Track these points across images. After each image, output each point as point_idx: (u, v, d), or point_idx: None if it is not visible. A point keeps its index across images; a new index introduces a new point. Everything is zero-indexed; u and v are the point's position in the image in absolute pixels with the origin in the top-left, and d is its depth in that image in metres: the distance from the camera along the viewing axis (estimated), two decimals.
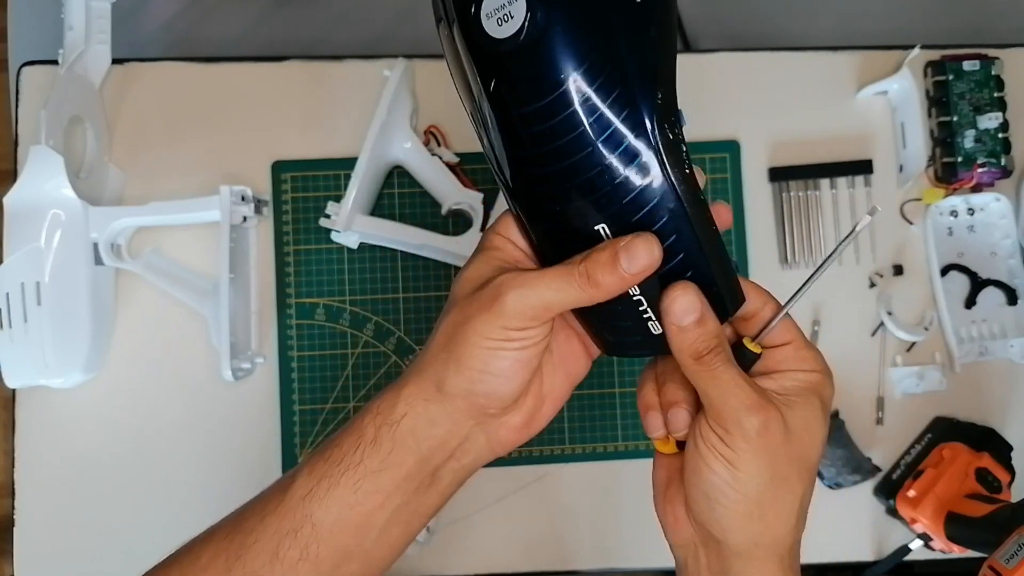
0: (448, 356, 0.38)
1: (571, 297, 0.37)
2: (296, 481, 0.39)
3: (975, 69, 0.69)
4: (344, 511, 0.39)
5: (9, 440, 0.67)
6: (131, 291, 0.67)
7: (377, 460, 0.39)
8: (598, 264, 0.36)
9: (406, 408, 0.39)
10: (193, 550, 0.41)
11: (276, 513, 0.39)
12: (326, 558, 0.39)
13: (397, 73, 0.63)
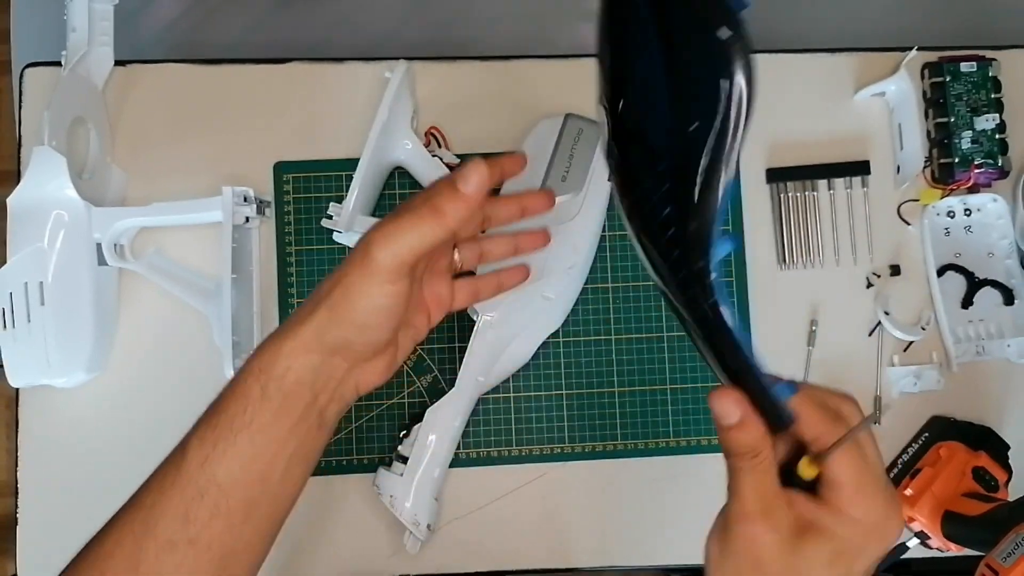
0: (330, 313, 0.43)
1: (429, 232, 0.42)
2: (188, 453, 0.42)
3: (972, 70, 0.69)
4: (245, 465, 0.42)
5: (12, 439, 0.67)
6: (134, 291, 0.67)
7: (268, 414, 0.43)
8: (440, 195, 0.42)
9: (289, 363, 0.43)
10: (93, 542, 0.43)
11: (176, 485, 0.42)
12: (236, 509, 0.42)
13: (398, 75, 0.64)
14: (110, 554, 0.42)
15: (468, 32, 0.87)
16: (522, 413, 0.68)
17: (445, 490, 0.66)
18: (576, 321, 0.68)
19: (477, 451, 0.67)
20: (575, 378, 0.68)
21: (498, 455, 0.67)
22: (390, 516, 0.63)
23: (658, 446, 0.68)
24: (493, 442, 0.68)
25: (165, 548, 0.41)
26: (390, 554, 0.66)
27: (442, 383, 0.67)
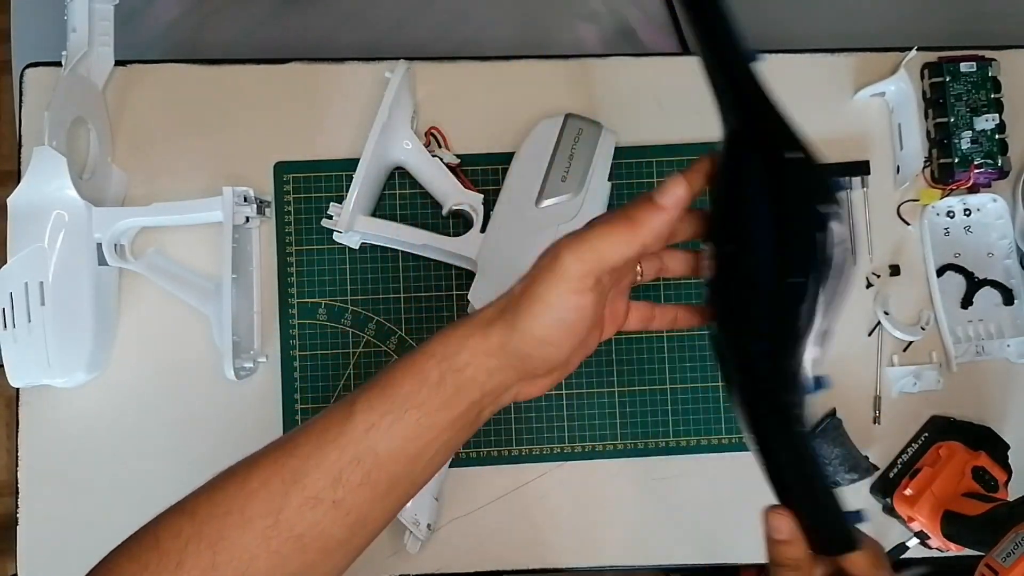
0: (515, 321, 0.42)
1: (622, 243, 0.41)
2: (356, 415, 0.42)
3: (972, 71, 0.69)
4: (404, 444, 0.42)
5: (12, 439, 0.67)
6: (134, 291, 0.67)
7: (439, 401, 0.42)
8: (636, 207, 0.41)
9: (469, 358, 0.43)
10: (237, 475, 0.43)
11: (337, 443, 0.42)
12: (382, 482, 0.43)
13: (398, 75, 0.64)
14: (254, 493, 0.42)
15: (468, 32, 0.87)
16: (522, 413, 0.68)
17: (445, 490, 0.66)
18: None
19: (477, 451, 0.67)
20: (575, 378, 0.68)
21: (498, 455, 0.68)
22: None
23: (658, 446, 0.68)
24: (493, 442, 0.68)
25: (309, 503, 0.41)
26: (390, 554, 0.66)
27: None
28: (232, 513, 0.41)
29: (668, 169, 0.70)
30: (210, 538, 0.41)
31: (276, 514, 0.41)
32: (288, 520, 0.41)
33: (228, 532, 0.41)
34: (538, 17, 0.88)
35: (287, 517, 0.41)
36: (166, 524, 0.42)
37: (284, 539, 0.41)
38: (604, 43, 0.88)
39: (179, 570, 0.40)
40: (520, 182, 0.65)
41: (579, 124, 0.66)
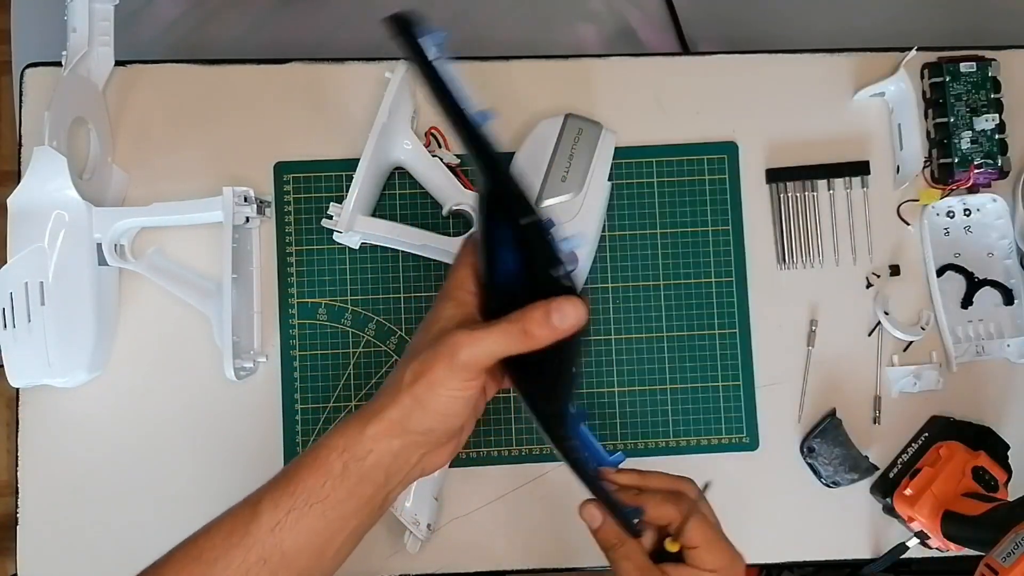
0: (414, 402, 0.45)
1: (512, 347, 0.45)
2: (261, 515, 0.44)
3: (972, 71, 0.69)
4: (310, 538, 0.44)
5: (12, 439, 0.67)
6: (134, 291, 0.67)
7: (344, 491, 0.45)
8: (533, 321, 0.45)
9: (372, 445, 0.45)
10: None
11: (243, 545, 0.43)
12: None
13: (398, 75, 0.64)
14: None
15: (468, 32, 0.87)
16: (522, 413, 0.68)
17: (445, 490, 0.66)
18: None
19: (477, 451, 0.67)
20: None
21: (498, 455, 0.68)
22: (390, 516, 0.63)
23: (658, 446, 0.68)
24: (493, 442, 0.68)
25: None
26: (390, 554, 0.66)
27: None
28: None
29: (668, 169, 0.70)
30: None
31: None
32: None
33: None
34: (538, 17, 0.88)
35: None
36: None
37: None
38: (604, 43, 0.88)
39: None
40: None
41: (579, 124, 0.66)
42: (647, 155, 0.70)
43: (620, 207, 0.69)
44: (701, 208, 0.70)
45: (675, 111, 0.71)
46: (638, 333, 0.69)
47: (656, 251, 0.69)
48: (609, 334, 0.68)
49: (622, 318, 0.69)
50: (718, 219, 0.70)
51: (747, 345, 0.69)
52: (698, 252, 0.69)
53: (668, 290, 0.69)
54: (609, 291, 0.69)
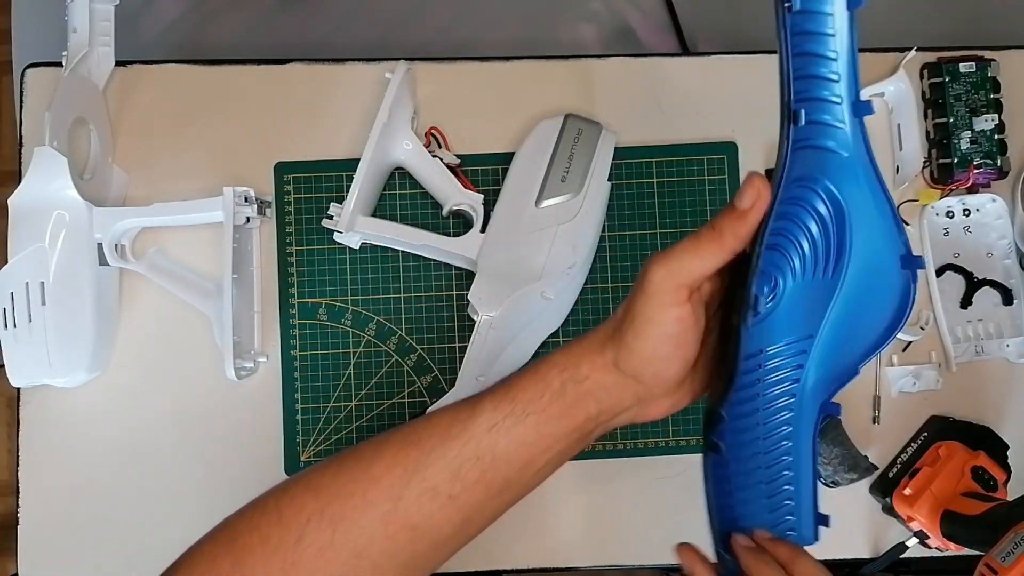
0: (620, 339, 0.43)
1: (708, 254, 0.41)
2: (481, 414, 0.44)
3: (971, 71, 0.69)
4: (521, 448, 0.44)
5: (13, 439, 0.67)
6: (135, 291, 0.68)
7: (558, 409, 0.44)
8: (719, 217, 0.42)
9: (589, 371, 0.44)
10: (362, 458, 0.44)
11: (459, 439, 0.43)
12: (495, 483, 0.44)
13: (398, 75, 0.64)
14: (378, 478, 0.43)
15: (468, 32, 0.87)
16: None
17: None
18: (576, 321, 0.68)
19: None
20: None
21: None
22: None
23: (658, 446, 0.68)
24: None
25: (428, 494, 0.43)
26: None
27: (442, 383, 0.68)
28: (355, 495, 0.43)
29: (668, 169, 0.70)
30: (332, 516, 0.42)
31: (396, 501, 0.43)
32: (406, 509, 0.43)
33: (349, 513, 0.42)
34: (538, 17, 0.88)
35: (405, 506, 0.43)
36: (289, 498, 0.44)
37: (400, 526, 0.43)
38: (604, 43, 0.88)
39: (299, 544, 0.42)
40: (520, 182, 0.65)
41: (579, 124, 0.66)
42: (647, 155, 0.70)
43: (620, 207, 0.69)
44: (701, 208, 0.70)
45: (675, 111, 0.71)
46: None
47: (656, 251, 0.69)
48: None
49: None
50: None
51: None
52: None
53: None
54: (609, 291, 0.69)
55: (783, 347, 0.43)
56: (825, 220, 0.42)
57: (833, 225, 0.42)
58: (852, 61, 0.40)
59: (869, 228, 0.42)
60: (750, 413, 0.44)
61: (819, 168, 0.41)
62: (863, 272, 0.42)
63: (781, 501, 0.45)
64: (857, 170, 0.41)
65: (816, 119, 0.41)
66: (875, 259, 0.42)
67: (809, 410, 0.44)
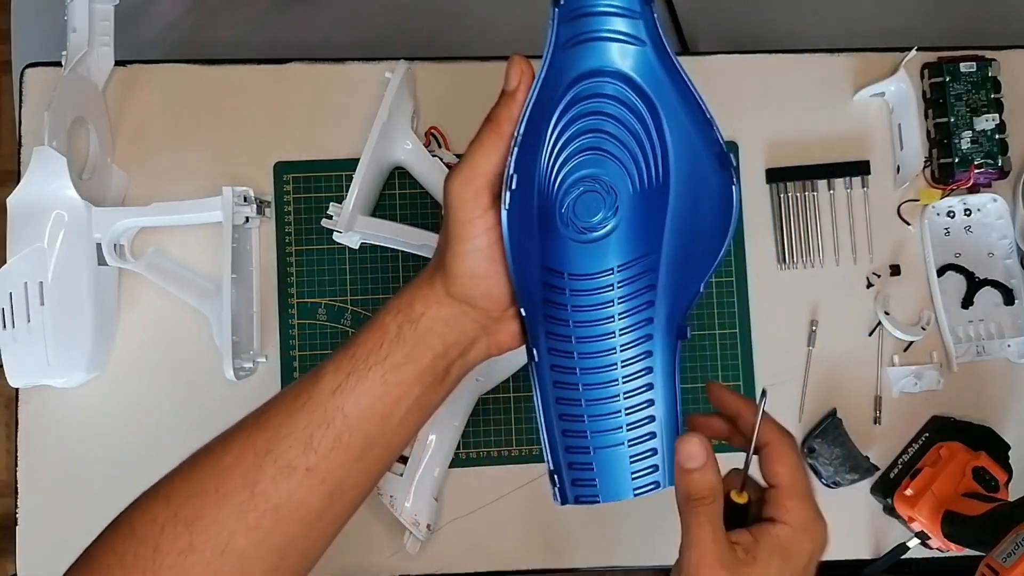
0: (443, 267, 0.43)
1: (491, 145, 0.42)
2: (323, 379, 0.43)
3: (972, 71, 0.69)
4: (372, 402, 0.42)
5: (12, 439, 0.67)
6: (134, 291, 0.67)
7: (401, 355, 0.43)
8: (493, 109, 0.42)
9: (423, 308, 0.43)
10: (213, 452, 0.43)
11: (306, 408, 0.42)
12: (355, 445, 0.42)
13: (398, 75, 0.64)
14: (229, 469, 0.42)
15: (468, 32, 0.87)
16: (522, 413, 0.68)
17: (445, 490, 0.66)
18: None
19: (477, 451, 0.67)
20: None
21: (498, 455, 0.67)
22: (390, 516, 0.63)
23: None
24: (493, 442, 0.68)
25: (283, 472, 0.41)
26: (390, 554, 0.66)
27: None
28: (208, 492, 0.41)
29: None
30: (186, 519, 0.41)
31: (251, 487, 0.41)
32: (263, 492, 0.41)
33: (204, 511, 0.41)
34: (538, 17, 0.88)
35: (262, 489, 0.41)
36: (140, 510, 0.43)
37: (261, 512, 0.41)
38: None
39: (156, 555, 0.40)
40: None
41: None
42: None
43: None
44: None
45: None
46: None
47: None
48: None
49: None
50: None
51: (747, 345, 0.69)
52: None
53: None
54: None
55: (631, 263, 0.43)
56: (643, 117, 0.41)
57: (651, 122, 0.41)
58: None
59: (681, 126, 0.41)
60: (601, 336, 0.44)
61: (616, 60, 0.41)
62: (686, 177, 0.42)
63: (641, 436, 0.45)
64: (658, 61, 0.41)
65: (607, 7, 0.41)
66: (695, 161, 0.41)
67: (665, 336, 0.44)
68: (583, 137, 0.43)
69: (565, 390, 0.45)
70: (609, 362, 0.45)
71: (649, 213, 0.43)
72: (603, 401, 0.45)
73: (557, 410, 0.45)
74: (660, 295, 0.43)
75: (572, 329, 0.45)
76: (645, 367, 0.44)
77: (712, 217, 0.41)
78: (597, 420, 0.45)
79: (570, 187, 0.44)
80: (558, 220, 0.44)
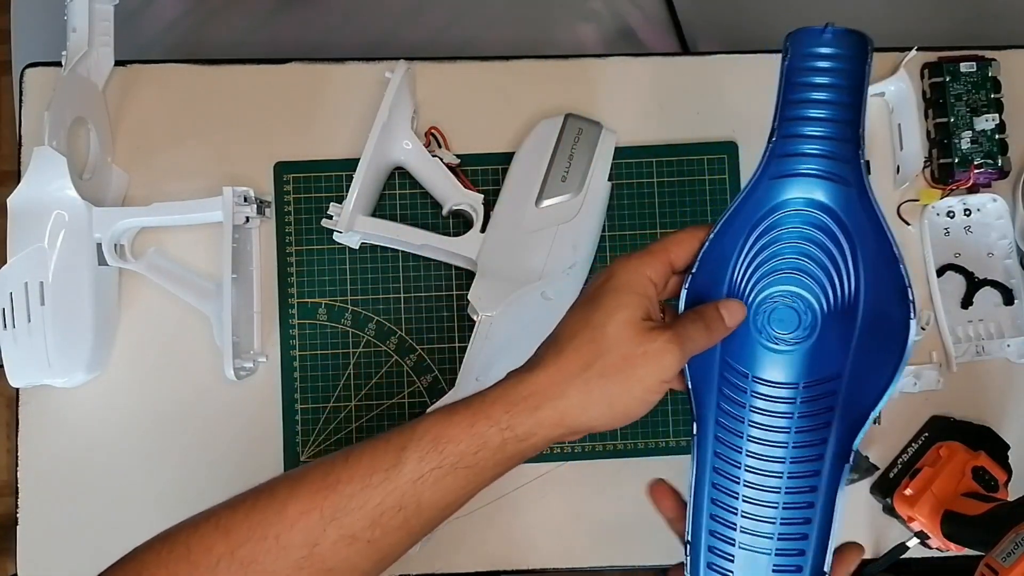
0: (602, 399, 0.43)
1: (703, 344, 0.45)
2: (405, 464, 0.42)
3: (972, 71, 0.69)
4: (447, 495, 0.43)
5: (12, 439, 0.67)
6: (134, 291, 0.67)
7: (492, 463, 0.43)
8: (711, 316, 0.45)
9: (537, 430, 0.43)
10: (276, 498, 0.43)
11: (382, 488, 0.42)
12: (418, 527, 0.44)
13: (398, 75, 0.64)
14: (293, 522, 0.42)
15: (468, 32, 0.87)
16: None
17: None
18: None
19: None
20: None
21: None
22: None
23: (658, 446, 0.68)
24: None
25: (345, 540, 0.42)
26: None
27: (442, 383, 0.67)
28: (268, 539, 0.41)
29: (668, 169, 0.70)
30: (243, 560, 0.41)
31: (312, 547, 0.41)
32: (321, 554, 0.41)
33: (262, 557, 0.41)
34: (538, 17, 0.88)
35: (321, 551, 0.41)
36: (199, 535, 0.42)
37: (315, 570, 0.42)
38: (604, 43, 0.88)
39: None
40: (520, 182, 0.65)
41: (579, 124, 0.66)
42: (647, 155, 0.70)
43: (620, 207, 0.69)
44: (701, 208, 0.70)
45: (675, 111, 0.71)
46: None
47: None
48: None
49: None
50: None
51: None
52: None
53: None
54: None
55: (818, 382, 0.45)
56: (841, 246, 0.45)
57: (848, 252, 0.45)
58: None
59: (871, 259, 0.45)
60: (774, 443, 0.45)
61: (823, 195, 0.46)
62: (870, 307, 0.44)
63: (789, 550, 0.45)
64: (859, 202, 0.45)
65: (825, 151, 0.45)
66: (879, 293, 0.44)
67: (835, 458, 0.45)
68: (783, 257, 0.46)
69: (724, 478, 0.46)
70: (775, 470, 0.45)
71: (837, 337, 0.45)
72: (760, 504, 0.45)
73: (711, 492, 0.46)
74: (838, 418, 0.45)
75: (746, 428, 0.46)
76: (810, 485, 0.45)
77: (888, 347, 0.44)
78: (750, 520, 0.45)
79: (767, 298, 0.46)
80: (751, 324, 0.46)
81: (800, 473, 0.45)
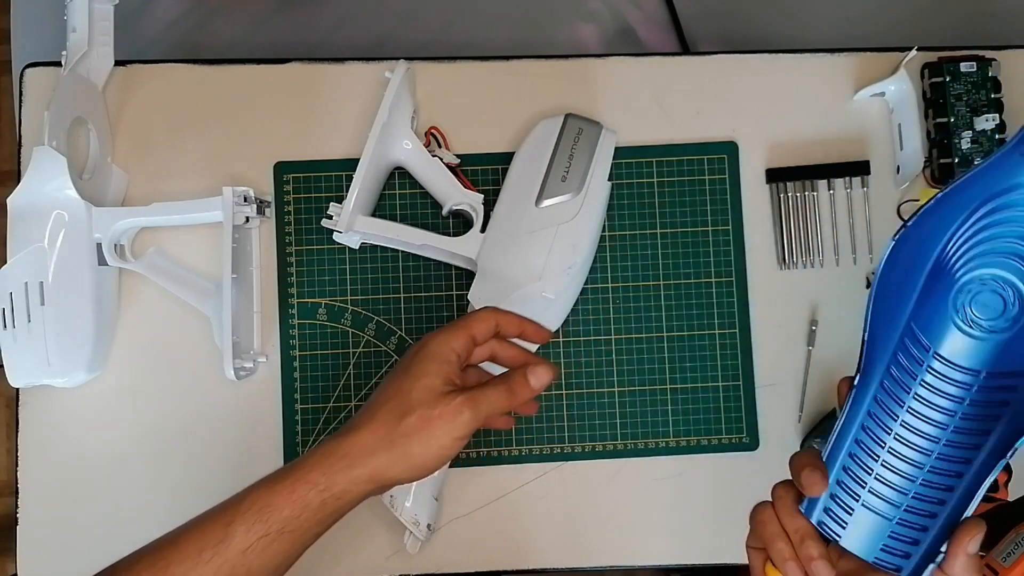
0: (404, 455, 0.50)
1: (503, 407, 0.52)
2: (234, 538, 0.46)
3: (972, 71, 0.69)
4: (276, 558, 0.48)
5: (12, 439, 0.67)
6: (134, 291, 0.67)
7: (315, 522, 0.49)
8: (517, 382, 0.53)
9: (351, 487, 0.49)
10: (116, 572, 0.47)
11: (212, 563, 0.46)
12: None
13: (398, 75, 0.64)
14: None
15: (468, 32, 0.87)
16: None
17: (445, 490, 0.66)
18: (576, 321, 0.68)
19: (477, 451, 0.67)
20: (575, 378, 0.68)
21: (498, 455, 0.68)
22: (390, 516, 0.63)
23: (658, 446, 0.68)
24: (493, 442, 0.68)
25: None
26: (390, 554, 0.66)
27: None
28: None
29: (668, 169, 0.70)
30: None
31: None
32: None
33: None
34: (538, 17, 0.88)
35: None
36: None
37: None
38: (604, 43, 0.88)
39: None
40: (520, 182, 0.65)
41: (579, 124, 0.66)
42: (647, 155, 0.70)
43: (620, 207, 0.69)
44: (701, 208, 0.70)
45: (675, 111, 0.71)
46: (638, 333, 0.69)
47: (656, 251, 0.69)
48: (609, 334, 0.68)
49: (622, 318, 0.69)
50: (718, 219, 0.70)
51: (747, 345, 0.69)
52: (698, 252, 0.69)
53: (668, 290, 0.69)
54: (609, 291, 0.69)
55: (1001, 375, 0.43)
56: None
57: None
58: None
59: None
60: (935, 422, 0.44)
61: None
62: None
63: (913, 523, 0.44)
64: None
65: None
66: None
67: (990, 454, 0.43)
68: (1005, 240, 0.43)
69: (870, 438, 0.45)
70: (926, 448, 0.44)
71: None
72: (898, 474, 0.44)
73: (851, 447, 0.45)
74: (1009, 414, 0.43)
75: (909, 399, 0.44)
76: (956, 471, 0.44)
77: None
78: (882, 484, 0.44)
79: (976, 278, 0.44)
80: (950, 300, 0.44)
81: (950, 457, 0.43)
